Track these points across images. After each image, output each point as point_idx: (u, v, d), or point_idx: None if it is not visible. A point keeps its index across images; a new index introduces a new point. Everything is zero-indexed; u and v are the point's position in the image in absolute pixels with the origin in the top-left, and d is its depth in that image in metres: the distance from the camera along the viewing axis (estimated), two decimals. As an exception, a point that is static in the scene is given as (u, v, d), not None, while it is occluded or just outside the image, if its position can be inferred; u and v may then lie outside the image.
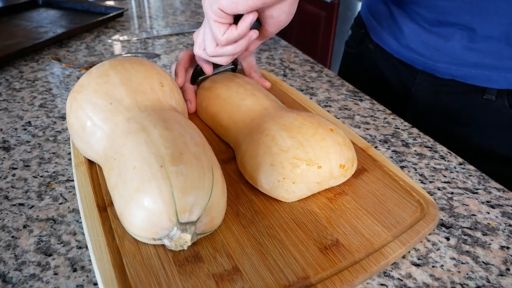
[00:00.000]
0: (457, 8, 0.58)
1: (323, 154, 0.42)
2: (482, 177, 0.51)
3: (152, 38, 0.97)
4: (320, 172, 0.42)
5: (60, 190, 0.47)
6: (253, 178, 0.44)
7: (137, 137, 0.38)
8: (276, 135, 0.43)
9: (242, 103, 0.51)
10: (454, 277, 0.38)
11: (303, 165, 0.41)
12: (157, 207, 0.34)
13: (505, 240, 0.42)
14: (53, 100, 0.68)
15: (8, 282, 0.36)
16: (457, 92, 0.64)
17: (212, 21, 0.44)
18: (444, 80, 0.65)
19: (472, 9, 0.57)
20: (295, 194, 0.42)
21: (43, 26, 0.98)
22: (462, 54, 0.60)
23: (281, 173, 0.41)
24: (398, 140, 0.59)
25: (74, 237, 0.41)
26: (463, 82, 0.62)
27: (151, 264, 0.35)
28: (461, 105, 0.65)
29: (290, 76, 0.79)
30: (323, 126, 0.44)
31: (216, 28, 0.44)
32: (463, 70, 0.61)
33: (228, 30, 0.44)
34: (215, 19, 0.43)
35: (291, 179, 0.41)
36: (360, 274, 0.35)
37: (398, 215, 0.42)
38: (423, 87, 0.69)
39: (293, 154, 0.42)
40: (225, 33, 0.44)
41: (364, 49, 0.80)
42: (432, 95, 0.68)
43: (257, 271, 0.35)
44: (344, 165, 0.43)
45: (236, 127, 0.50)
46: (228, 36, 0.44)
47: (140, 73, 0.45)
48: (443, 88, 0.66)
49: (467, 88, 0.62)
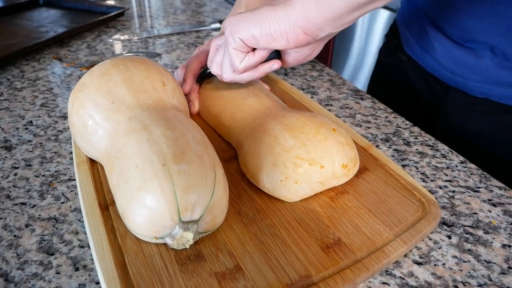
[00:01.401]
0: (485, 29, 0.56)
1: (325, 154, 0.42)
2: (484, 176, 0.51)
3: (153, 38, 0.97)
4: (323, 172, 0.42)
5: (62, 189, 0.48)
6: (255, 178, 0.44)
7: (139, 136, 0.38)
8: (279, 135, 0.43)
9: (245, 103, 0.51)
10: (456, 276, 0.38)
11: (306, 164, 0.41)
12: (159, 206, 0.34)
13: (507, 238, 0.42)
14: (54, 100, 0.68)
15: (11, 281, 0.36)
16: (492, 112, 0.61)
17: (231, 48, 0.43)
18: (478, 98, 0.61)
19: (501, 29, 0.54)
20: (298, 194, 0.42)
21: (44, 25, 0.98)
22: (494, 72, 0.57)
23: (284, 172, 0.41)
24: (399, 139, 0.59)
25: (76, 236, 0.41)
26: (498, 102, 0.59)
27: (153, 263, 0.35)
28: (496, 126, 0.61)
29: (291, 75, 0.79)
30: (326, 126, 0.44)
31: (234, 56, 0.44)
32: (497, 89, 0.58)
33: (246, 58, 0.44)
34: (235, 47, 0.43)
35: (294, 178, 0.41)
36: (362, 272, 0.35)
37: (400, 214, 0.42)
38: (455, 104, 0.65)
39: (296, 153, 0.42)
40: (243, 61, 0.44)
41: (397, 59, 0.76)
42: (465, 114, 0.65)
43: (259, 270, 0.35)
44: (347, 165, 0.43)
45: (239, 126, 0.50)
46: (246, 64, 0.44)
47: (142, 72, 0.45)
48: (476, 107, 0.62)
49: (503, 108, 0.59)
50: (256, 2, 0.67)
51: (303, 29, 0.39)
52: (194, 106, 0.58)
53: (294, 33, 0.39)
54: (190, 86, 0.58)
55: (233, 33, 0.41)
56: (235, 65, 0.45)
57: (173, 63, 0.83)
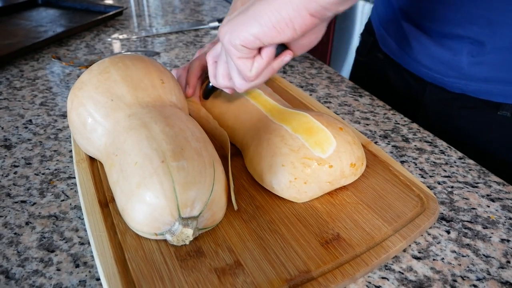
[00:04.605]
0: (464, 19, 0.55)
1: (333, 153, 0.42)
2: (482, 171, 0.51)
3: (152, 36, 0.97)
4: (332, 172, 0.42)
5: (62, 187, 0.48)
6: (264, 179, 0.43)
7: (138, 133, 0.38)
8: (286, 135, 0.43)
9: (248, 103, 0.51)
10: (455, 270, 0.38)
11: (315, 164, 0.41)
12: (158, 202, 0.34)
13: (505, 233, 0.42)
14: (53, 99, 0.68)
15: (11, 278, 0.36)
16: (469, 107, 0.61)
17: (235, 58, 0.39)
18: (455, 94, 0.62)
19: (480, 20, 0.54)
20: (307, 194, 0.42)
21: (43, 25, 0.98)
22: (470, 69, 0.57)
23: (293, 173, 0.41)
24: (398, 135, 0.59)
25: (76, 234, 0.41)
26: (475, 97, 0.59)
27: (153, 259, 0.36)
28: (473, 120, 0.62)
29: (290, 73, 0.79)
30: (332, 125, 0.44)
31: (242, 66, 0.40)
32: (473, 85, 0.58)
33: (255, 64, 0.40)
34: (239, 56, 0.39)
35: (303, 179, 0.41)
36: (361, 267, 0.36)
37: (399, 209, 0.42)
38: (433, 100, 0.66)
39: (304, 153, 0.41)
40: (253, 68, 0.40)
41: (373, 57, 0.77)
42: (443, 109, 0.65)
43: (259, 265, 0.36)
44: (355, 163, 0.43)
45: (243, 128, 0.49)
46: (257, 70, 0.40)
47: (140, 70, 0.45)
48: (454, 102, 0.63)
49: (480, 103, 0.59)
50: None
51: (309, 11, 0.35)
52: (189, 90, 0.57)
53: (300, 18, 0.35)
54: (194, 88, 0.57)
55: (232, 41, 0.38)
56: (246, 75, 0.41)
57: (172, 62, 0.83)
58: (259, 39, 0.37)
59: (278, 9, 0.35)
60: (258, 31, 0.36)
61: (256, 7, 0.36)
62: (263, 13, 0.36)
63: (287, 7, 0.35)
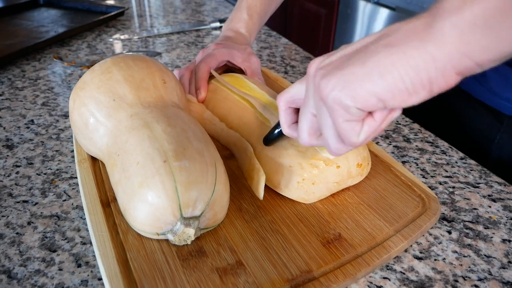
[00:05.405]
0: None
1: None
2: (484, 172, 0.51)
3: (153, 37, 0.98)
4: (339, 172, 0.42)
5: (64, 187, 0.48)
6: (271, 181, 0.43)
7: (140, 133, 0.38)
8: None
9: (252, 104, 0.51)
10: (456, 270, 0.38)
11: (322, 165, 0.41)
12: (160, 202, 0.34)
13: (506, 233, 0.42)
14: (55, 99, 0.68)
15: (13, 277, 0.37)
16: None
17: (341, 121, 0.30)
18: None
19: None
20: (315, 195, 0.42)
21: (45, 25, 0.98)
22: None
23: (300, 174, 0.41)
24: (399, 136, 0.59)
25: (78, 233, 0.41)
26: None
27: (155, 259, 0.36)
28: None
29: (291, 73, 0.79)
30: None
31: (349, 130, 0.31)
32: None
33: (365, 127, 0.31)
34: (347, 118, 0.30)
35: (311, 180, 0.41)
36: (363, 267, 0.36)
37: (400, 209, 0.42)
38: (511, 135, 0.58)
39: (311, 154, 0.41)
40: (362, 132, 0.31)
41: None
42: None
43: (260, 265, 0.36)
44: (361, 164, 0.43)
45: (248, 129, 0.49)
46: (366, 134, 0.31)
47: (142, 70, 0.45)
48: None
49: None
50: (257, 5, 0.66)
51: (457, 70, 0.27)
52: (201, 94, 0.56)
53: (443, 79, 0.27)
54: (205, 93, 0.56)
55: (343, 100, 0.29)
56: (350, 140, 0.31)
57: (173, 62, 0.83)
58: (383, 102, 0.28)
59: (415, 67, 0.27)
60: (383, 92, 0.28)
61: (378, 58, 0.28)
62: (393, 69, 0.27)
63: (429, 66, 0.27)
